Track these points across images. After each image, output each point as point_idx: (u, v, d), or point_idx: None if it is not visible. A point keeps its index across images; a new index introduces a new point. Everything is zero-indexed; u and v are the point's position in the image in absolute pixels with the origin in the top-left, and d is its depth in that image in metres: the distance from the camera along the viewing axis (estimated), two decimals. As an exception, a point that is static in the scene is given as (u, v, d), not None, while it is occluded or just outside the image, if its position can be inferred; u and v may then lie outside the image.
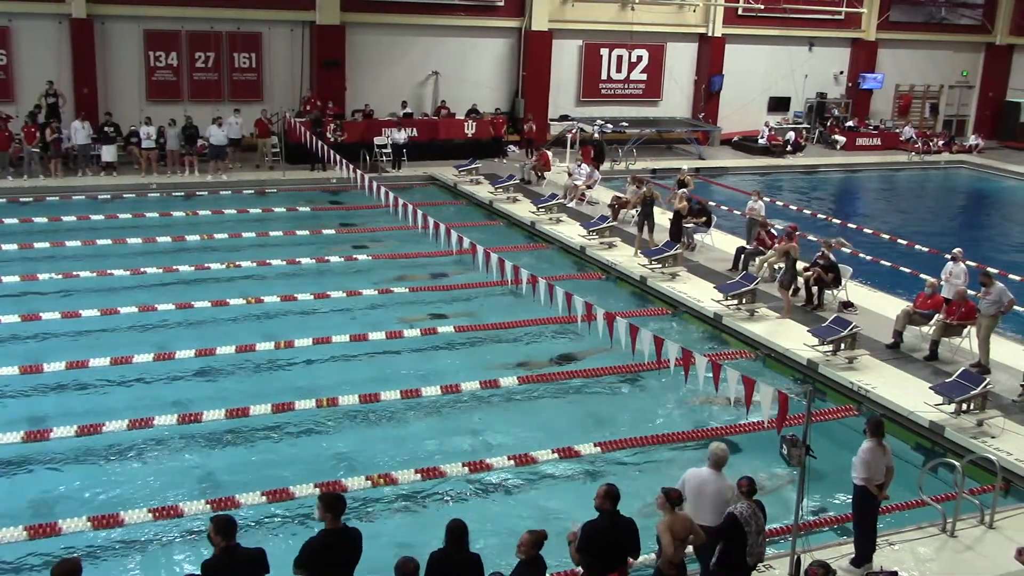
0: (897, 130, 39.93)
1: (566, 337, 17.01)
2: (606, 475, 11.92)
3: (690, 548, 8.89)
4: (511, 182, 26.75)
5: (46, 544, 10.23)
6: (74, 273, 18.86)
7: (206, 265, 19.85)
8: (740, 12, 36.99)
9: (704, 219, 22.36)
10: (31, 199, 24.78)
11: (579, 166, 27.26)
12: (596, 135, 31.28)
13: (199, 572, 7.67)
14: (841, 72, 40.41)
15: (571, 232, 22.85)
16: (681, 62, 37.17)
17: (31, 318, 16.51)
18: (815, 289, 18.17)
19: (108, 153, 27.21)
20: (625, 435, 13.23)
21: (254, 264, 20.12)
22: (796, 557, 9.39)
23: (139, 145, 27.46)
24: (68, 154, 27.22)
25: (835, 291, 18.30)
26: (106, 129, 27.33)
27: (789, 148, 36.21)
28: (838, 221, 26.22)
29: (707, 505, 9.11)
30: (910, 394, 14.28)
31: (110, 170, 27.28)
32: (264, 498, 11.02)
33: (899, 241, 24.19)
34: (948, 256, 17.53)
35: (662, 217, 22.35)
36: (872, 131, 39.46)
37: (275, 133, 28.73)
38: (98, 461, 12.32)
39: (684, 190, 22.13)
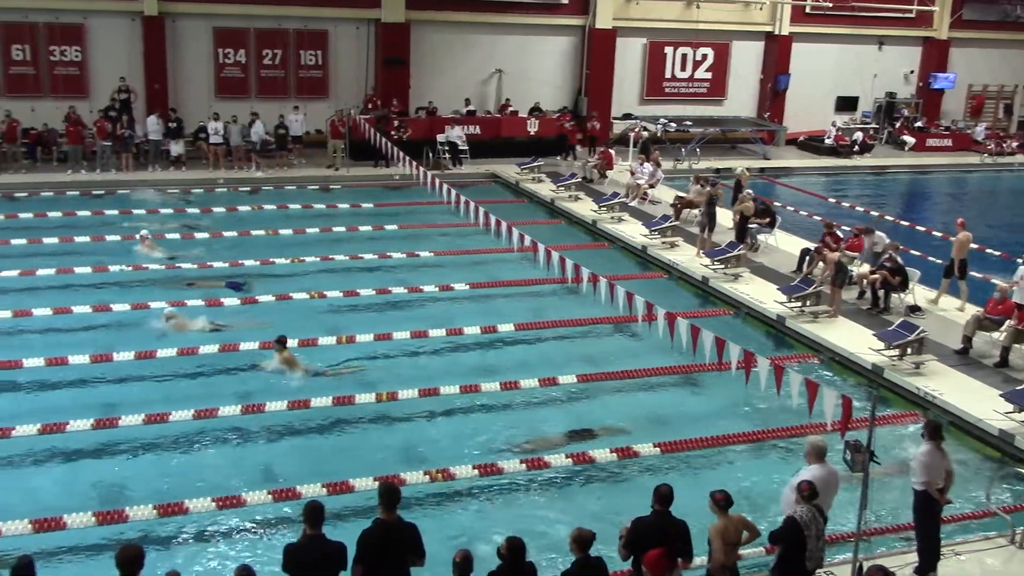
0: (969, 131, 39.02)
1: (626, 336, 16.98)
2: (663, 475, 11.84)
3: (746, 550, 8.79)
4: (573, 180, 26.71)
5: (113, 530, 10.46)
6: (144, 266, 19.27)
7: (271, 260, 20.13)
8: (808, 10, 36.45)
9: (768, 220, 22.09)
10: (103, 192, 25.41)
11: (641, 165, 27.12)
12: (645, 133, 31.12)
13: (281, 556, 7.80)
14: (911, 71, 39.60)
15: (633, 231, 22.74)
16: (746, 61, 36.75)
17: (102, 308, 16.92)
18: (881, 292, 17.86)
19: (176, 147, 27.81)
20: (685, 436, 13.12)
21: (318, 259, 20.36)
22: (859, 564, 9.23)
23: (207, 141, 28.00)
24: (140, 149, 27.87)
25: (902, 294, 17.97)
26: (170, 124, 27.94)
27: (856, 149, 35.59)
28: (906, 223, 25.71)
29: (832, 495, 9.23)
30: (979, 401, 13.96)
31: (179, 165, 27.87)
32: (324, 490, 11.12)
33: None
34: (1020, 260, 17.09)
35: (725, 218, 22.13)
36: (943, 132, 38.61)
37: (344, 132, 29.05)
38: (165, 449, 12.58)
39: (750, 191, 21.92)
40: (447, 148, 30.10)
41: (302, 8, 30.58)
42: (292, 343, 15.50)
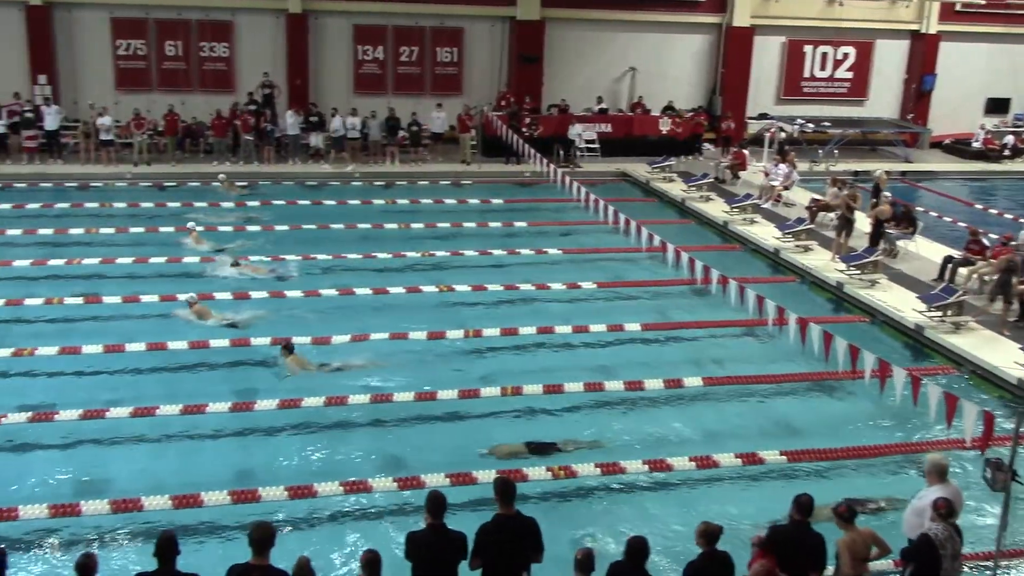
0: None
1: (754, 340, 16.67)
2: (790, 484, 11.56)
3: (878, 563, 8.52)
4: (704, 180, 26.34)
5: (246, 509, 10.84)
6: (280, 256, 19.92)
7: (402, 253, 20.53)
8: (958, 8, 34.94)
9: (909, 226, 21.28)
10: (245, 183, 26.37)
11: (776, 166, 26.53)
12: (782, 133, 30.41)
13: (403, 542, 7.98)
14: (1070, 72, 37.56)
15: (765, 233, 22.28)
16: (890, 60, 35.48)
17: (242, 296, 17.58)
18: (1030, 304, 17.02)
19: (315, 140, 28.70)
20: (812, 445, 12.78)
21: (448, 253, 20.66)
22: (996, 587, 8.85)
23: (345, 135, 28.76)
24: (280, 142, 28.87)
25: (1053, 307, 17.08)
26: (311, 119, 28.82)
27: (1007, 153, 33.95)
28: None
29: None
30: None
31: (317, 158, 28.74)
32: (448, 480, 11.28)
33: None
34: None
35: (863, 223, 21.44)
36: (1104, 137, 36.42)
37: (474, 127, 29.40)
38: (297, 434, 12.98)
39: (888, 194, 21.19)
40: (569, 145, 30.12)
41: (439, 6, 31.12)
42: (420, 335, 15.82)
